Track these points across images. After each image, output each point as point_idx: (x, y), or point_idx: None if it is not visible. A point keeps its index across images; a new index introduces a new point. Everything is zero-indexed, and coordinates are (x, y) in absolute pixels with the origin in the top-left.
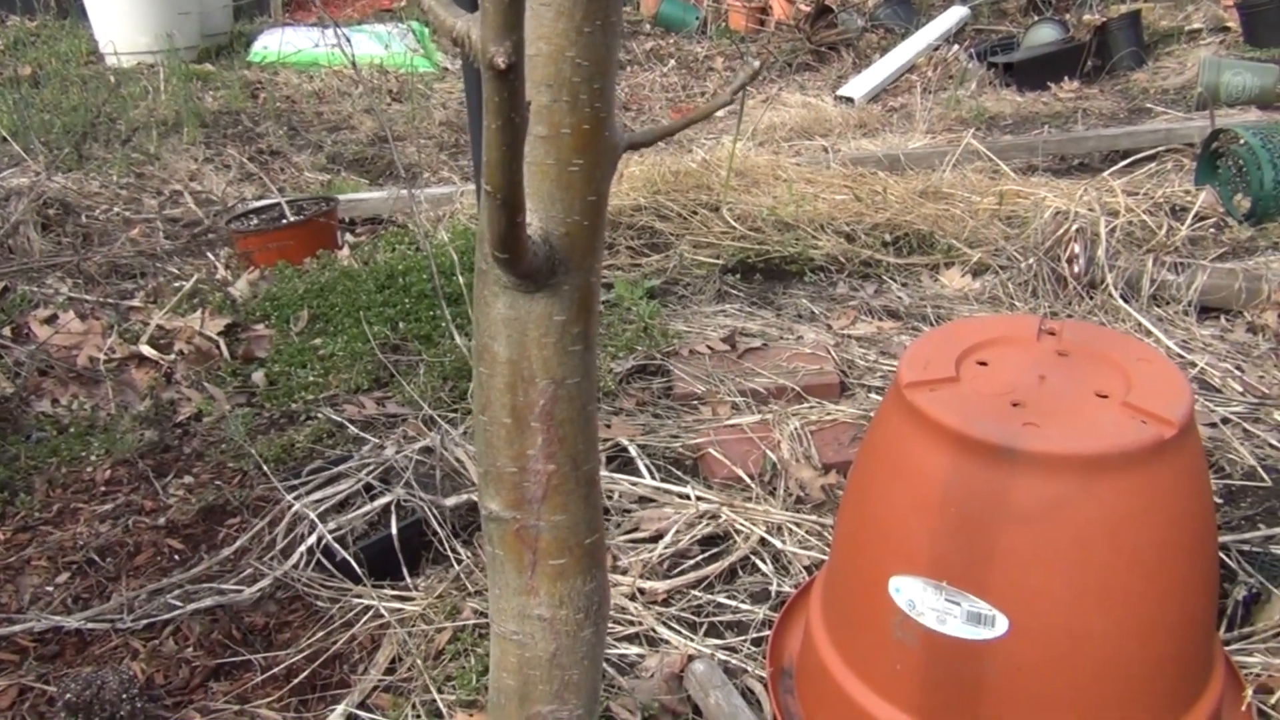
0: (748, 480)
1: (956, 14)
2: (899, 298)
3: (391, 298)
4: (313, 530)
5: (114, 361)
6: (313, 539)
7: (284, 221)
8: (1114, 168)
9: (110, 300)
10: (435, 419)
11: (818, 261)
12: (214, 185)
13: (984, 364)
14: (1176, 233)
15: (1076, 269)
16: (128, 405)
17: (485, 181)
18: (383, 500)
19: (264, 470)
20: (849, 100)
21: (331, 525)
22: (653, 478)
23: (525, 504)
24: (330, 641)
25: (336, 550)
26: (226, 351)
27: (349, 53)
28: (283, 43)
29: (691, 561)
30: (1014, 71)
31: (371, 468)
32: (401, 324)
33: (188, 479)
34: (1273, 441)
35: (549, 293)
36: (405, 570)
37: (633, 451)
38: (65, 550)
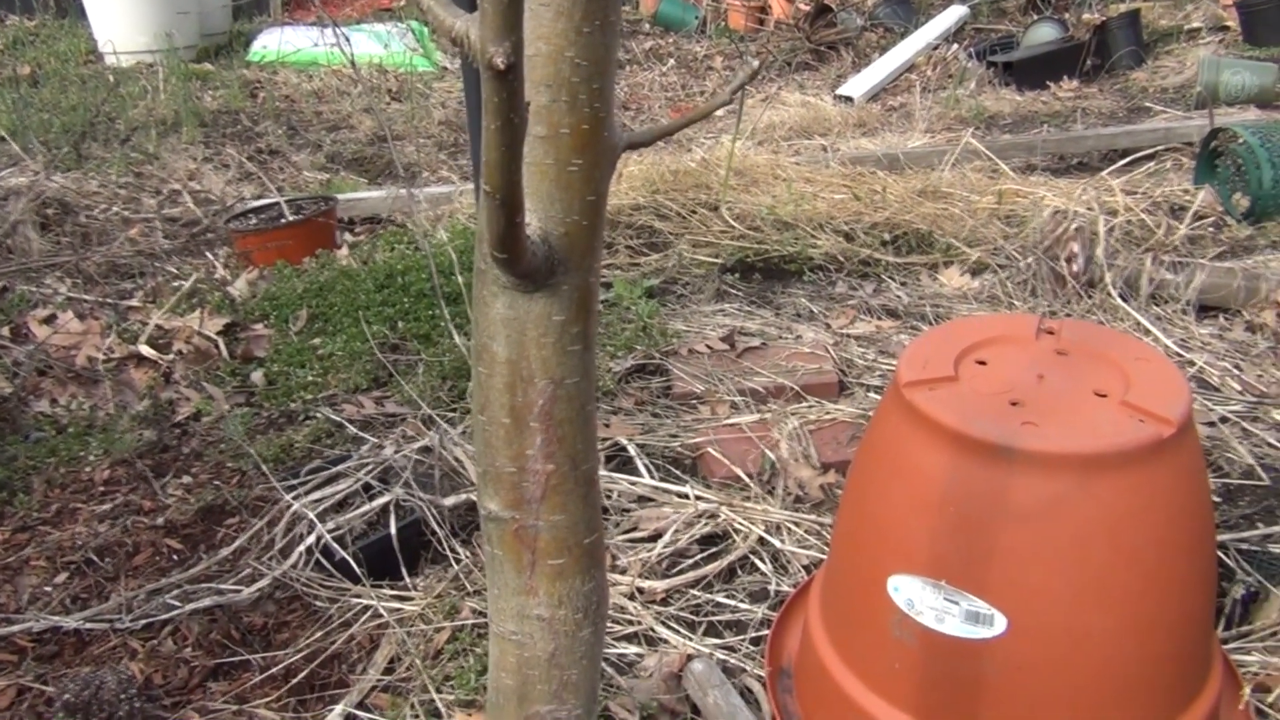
0: (746, 479)
1: (956, 13)
2: (898, 297)
3: (390, 297)
4: (311, 530)
5: (113, 361)
6: (311, 539)
7: (283, 221)
8: (1113, 167)
9: (109, 300)
10: (434, 418)
11: (817, 261)
12: (213, 185)
13: (983, 363)
14: (1175, 232)
15: (1075, 268)
16: (126, 405)
17: (484, 181)
18: (381, 500)
19: (263, 470)
20: (848, 99)
21: (330, 525)
22: (651, 477)
23: (524, 504)
24: (329, 641)
25: (335, 550)
26: (225, 351)
27: (348, 52)
28: (282, 42)
29: (690, 561)
30: (1013, 70)
31: (370, 467)
32: (400, 323)
33: (186, 479)
34: (1271, 440)
35: (548, 292)
36: (404, 570)
37: (631, 451)
38: (64, 550)
